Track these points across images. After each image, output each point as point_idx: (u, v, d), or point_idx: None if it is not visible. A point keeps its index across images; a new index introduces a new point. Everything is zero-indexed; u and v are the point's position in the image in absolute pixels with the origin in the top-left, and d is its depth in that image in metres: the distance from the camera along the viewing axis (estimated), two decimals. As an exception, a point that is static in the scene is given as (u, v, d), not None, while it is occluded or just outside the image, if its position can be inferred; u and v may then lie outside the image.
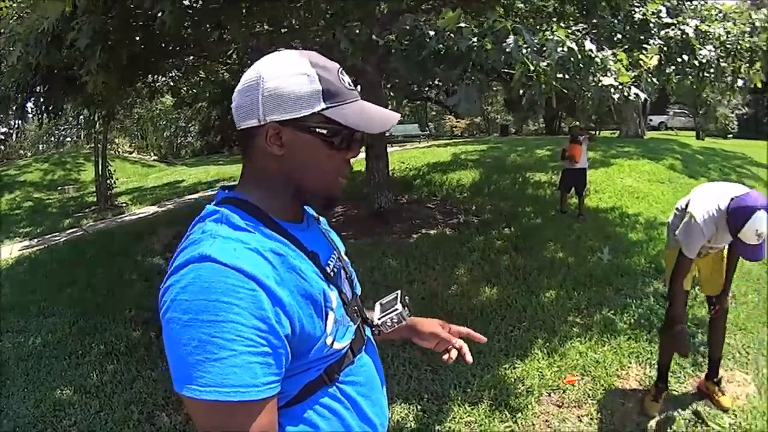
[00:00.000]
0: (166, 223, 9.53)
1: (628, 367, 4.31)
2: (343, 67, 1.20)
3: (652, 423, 3.71)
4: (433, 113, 38.51)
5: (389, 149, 11.01)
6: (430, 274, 6.31)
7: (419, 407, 3.86)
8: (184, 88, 8.20)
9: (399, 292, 1.50)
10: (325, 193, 1.21)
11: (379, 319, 1.43)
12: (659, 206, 9.30)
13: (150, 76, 6.92)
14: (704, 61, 5.34)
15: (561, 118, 31.46)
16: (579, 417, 3.76)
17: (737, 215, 2.98)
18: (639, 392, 4.00)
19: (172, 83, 7.54)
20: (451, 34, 4.17)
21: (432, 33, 4.24)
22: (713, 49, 5.42)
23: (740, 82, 6.07)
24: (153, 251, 7.59)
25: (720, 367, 3.96)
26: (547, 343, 4.67)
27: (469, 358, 1.50)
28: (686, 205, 3.42)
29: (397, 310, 1.43)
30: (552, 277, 6.07)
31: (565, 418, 3.75)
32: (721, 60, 5.50)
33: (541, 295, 5.66)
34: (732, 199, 3.10)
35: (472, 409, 3.81)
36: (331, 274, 1.23)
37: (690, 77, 5.57)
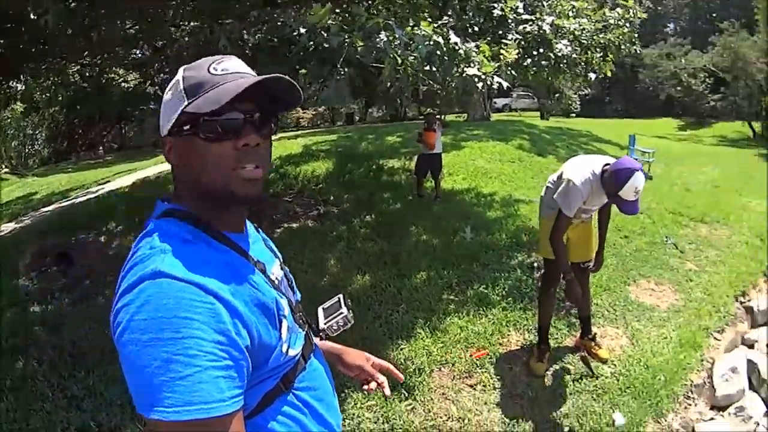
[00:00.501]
0: (26, 240, 8.82)
1: (508, 335, 4.83)
2: None
3: (546, 380, 4.23)
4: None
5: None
6: (300, 267, 6.41)
7: (317, 398, 4.04)
8: (37, 93, 7.69)
9: (340, 296, 1.64)
10: (225, 191, 1.17)
11: (324, 323, 1.56)
12: (512, 184, 10.16)
13: (6, 82, 6.47)
14: (560, 54, 5.97)
15: (405, 106, 32.76)
16: (472, 386, 4.19)
17: (618, 176, 3.53)
18: (523, 356, 4.52)
19: (24, 88, 7.06)
20: (323, 32, 4.31)
21: (303, 30, 4.41)
22: (568, 44, 6.06)
23: (593, 75, 6.89)
24: (16, 272, 7.10)
25: (592, 325, 4.60)
26: (428, 322, 5.02)
27: (387, 391, 1.67)
28: (558, 177, 3.99)
29: (342, 313, 1.58)
30: (420, 259, 6.45)
31: (460, 389, 4.15)
32: (575, 54, 6.20)
33: (413, 277, 6.01)
34: (606, 164, 3.70)
35: (370, 393, 4.07)
36: (276, 282, 1.30)
37: (546, 69, 6.20)
